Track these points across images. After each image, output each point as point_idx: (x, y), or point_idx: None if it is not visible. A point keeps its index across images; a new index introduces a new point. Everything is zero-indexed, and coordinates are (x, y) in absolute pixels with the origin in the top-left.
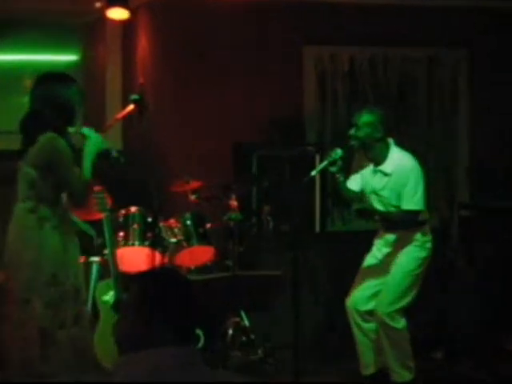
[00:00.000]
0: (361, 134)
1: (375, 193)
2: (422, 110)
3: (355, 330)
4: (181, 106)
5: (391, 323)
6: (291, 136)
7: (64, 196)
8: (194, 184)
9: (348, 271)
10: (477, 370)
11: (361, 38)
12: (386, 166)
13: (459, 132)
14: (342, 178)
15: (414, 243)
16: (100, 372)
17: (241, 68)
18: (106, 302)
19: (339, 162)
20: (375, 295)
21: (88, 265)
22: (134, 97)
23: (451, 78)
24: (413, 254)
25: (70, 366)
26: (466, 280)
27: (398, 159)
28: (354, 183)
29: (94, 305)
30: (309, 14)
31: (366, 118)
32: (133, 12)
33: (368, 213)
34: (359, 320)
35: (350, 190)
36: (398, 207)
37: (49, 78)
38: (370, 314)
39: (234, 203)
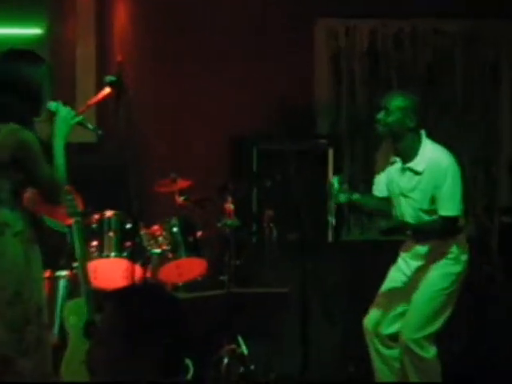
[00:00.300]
0: (391, 119)
1: (403, 195)
2: (456, 95)
3: (373, 356)
4: (166, 90)
5: (419, 352)
6: (299, 127)
7: (27, 193)
8: (183, 183)
9: (366, 287)
10: None
11: (383, 8)
12: (417, 163)
13: (501, 122)
14: (356, 197)
15: (448, 256)
16: None
17: (240, 46)
18: (75, 325)
19: (344, 187)
20: (400, 316)
21: (54, 280)
22: (110, 78)
23: (493, 56)
24: (445, 269)
25: None
26: (506, 299)
27: (432, 155)
28: (379, 188)
29: (62, 327)
30: None
31: (398, 101)
32: None
33: (397, 230)
34: (379, 345)
35: (373, 202)
36: (430, 212)
37: (12, 56)
38: (393, 338)
39: (230, 207)
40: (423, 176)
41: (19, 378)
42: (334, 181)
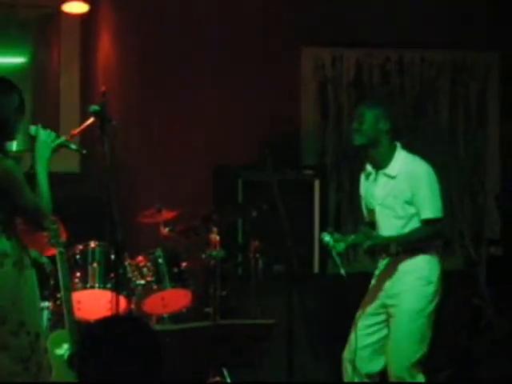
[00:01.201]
0: (365, 126)
1: (379, 204)
2: (443, 125)
3: None
4: (150, 120)
5: (409, 379)
6: (285, 157)
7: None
8: (167, 214)
9: (352, 319)
10: None
11: (370, 38)
12: (391, 168)
13: (488, 152)
14: (350, 239)
15: (417, 275)
16: None
17: (225, 75)
18: (59, 357)
19: (336, 237)
20: (378, 352)
21: None
22: (94, 108)
23: (479, 86)
24: (418, 292)
25: None
26: (495, 333)
27: (406, 161)
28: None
29: None
30: (308, 9)
31: (370, 107)
32: (93, 5)
33: (380, 246)
34: (357, 382)
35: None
36: (404, 219)
37: None
38: (373, 377)
39: (215, 238)
40: (397, 180)
41: None
42: (324, 236)
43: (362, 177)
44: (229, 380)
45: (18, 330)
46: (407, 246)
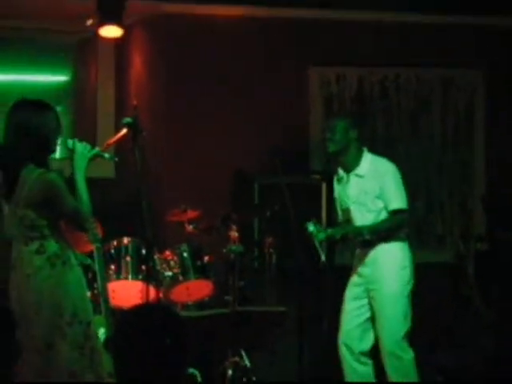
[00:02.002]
0: (337, 136)
1: (353, 202)
2: (435, 135)
3: (350, 377)
4: (178, 130)
5: (400, 353)
6: (296, 164)
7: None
8: (192, 213)
9: None
10: None
11: (370, 58)
12: (360, 169)
13: (475, 159)
14: (330, 231)
15: (393, 262)
16: None
17: (243, 92)
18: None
19: (318, 227)
20: (367, 331)
21: None
22: (127, 120)
23: (467, 100)
24: (396, 275)
25: None
26: (482, 320)
27: (372, 161)
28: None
29: None
30: (314, 32)
31: (338, 121)
32: (126, 30)
33: (352, 234)
34: (354, 362)
35: (346, 225)
36: (375, 212)
37: (23, 105)
38: (366, 355)
39: (234, 234)
40: (366, 178)
41: None
42: (309, 226)
43: (335, 181)
44: (246, 360)
45: (71, 320)
46: (377, 233)
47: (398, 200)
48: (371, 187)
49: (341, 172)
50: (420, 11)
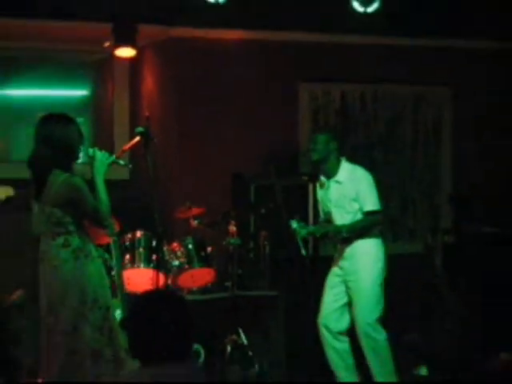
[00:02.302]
0: (319, 146)
1: (334, 205)
2: (407, 143)
3: (330, 354)
4: (184, 138)
5: (373, 334)
6: (286, 167)
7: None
8: (196, 210)
9: None
10: None
11: (352, 76)
12: (339, 176)
13: (442, 163)
14: (311, 228)
15: (368, 257)
16: None
17: (241, 105)
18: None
19: (301, 225)
20: (343, 313)
21: None
22: (140, 129)
23: (436, 113)
24: (370, 267)
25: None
26: (448, 306)
27: (348, 169)
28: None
29: None
30: (303, 53)
31: (322, 134)
32: (139, 51)
33: (332, 233)
34: (332, 340)
35: (326, 225)
36: (352, 214)
37: (49, 119)
38: (343, 334)
39: (233, 229)
40: (344, 184)
41: (108, 364)
42: (293, 223)
43: (318, 186)
44: (243, 338)
45: (92, 306)
46: (354, 232)
47: (371, 202)
48: (348, 192)
49: (323, 179)
50: (395, 35)
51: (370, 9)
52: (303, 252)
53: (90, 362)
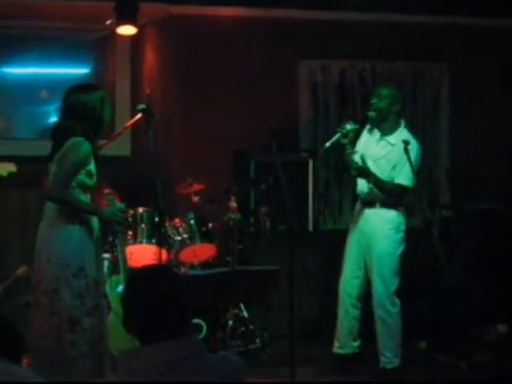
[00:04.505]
0: (382, 104)
1: (373, 160)
2: (406, 117)
3: (341, 315)
4: (185, 115)
5: (389, 307)
6: (287, 143)
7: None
8: (197, 187)
9: (338, 266)
10: (455, 359)
11: (351, 52)
12: (393, 138)
13: (440, 138)
14: (349, 150)
15: (390, 225)
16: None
17: (241, 82)
18: (117, 294)
19: (350, 135)
20: (362, 280)
21: None
22: (141, 106)
23: (434, 89)
24: (390, 237)
25: (90, 351)
26: (446, 278)
27: (404, 136)
28: (357, 156)
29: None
30: (303, 30)
31: (388, 90)
32: (140, 29)
33: (366, 172)
34: (349, 306)
35: (354, 162)
36: (385, 177)
37: (73, 88)
38: (359, 300)
39: (233, 205)
40: (394, 148)
41: (85, 333)
42: (348, 125)
43: (366, 130)
44: (245, 312)
45: (78, 273)
46: (381, 189)
47: (405, 176)
48: (394, 156)
49: (376, 130)
50: (396, 12)
51: None
52: (327, 143)
53: (67, 326)
